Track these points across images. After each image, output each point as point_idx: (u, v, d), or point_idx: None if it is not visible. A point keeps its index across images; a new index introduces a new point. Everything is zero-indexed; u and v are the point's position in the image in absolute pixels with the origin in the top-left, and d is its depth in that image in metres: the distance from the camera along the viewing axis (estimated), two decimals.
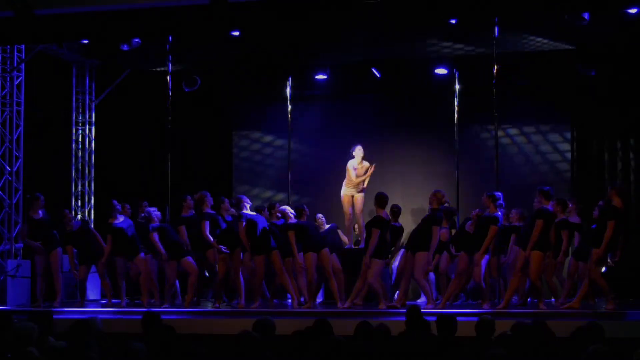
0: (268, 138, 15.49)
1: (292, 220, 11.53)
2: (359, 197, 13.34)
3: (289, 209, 11.78)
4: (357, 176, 13.18)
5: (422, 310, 7.22)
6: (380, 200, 11.16)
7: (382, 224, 11.04)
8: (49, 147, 14.29)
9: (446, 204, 11.71)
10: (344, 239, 13.23)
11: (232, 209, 11.88)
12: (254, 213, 11.70)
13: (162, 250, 11.66)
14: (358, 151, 13.31)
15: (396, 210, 11.78)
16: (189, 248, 11.89)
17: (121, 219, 11.98)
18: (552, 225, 10.66)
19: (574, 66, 13.09)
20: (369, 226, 11.12)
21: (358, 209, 13.29)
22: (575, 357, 5.58)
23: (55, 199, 13.24)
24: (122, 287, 12.10)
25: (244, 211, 11.47)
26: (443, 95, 13.82)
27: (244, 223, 11.34)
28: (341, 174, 13.53)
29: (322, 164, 14.83)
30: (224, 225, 11.67)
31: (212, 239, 11.56)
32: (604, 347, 5.31)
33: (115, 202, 12.02)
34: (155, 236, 11.67)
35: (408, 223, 12.81)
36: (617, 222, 10.14)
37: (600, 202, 11.10)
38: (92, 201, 14.83)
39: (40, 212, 12.19)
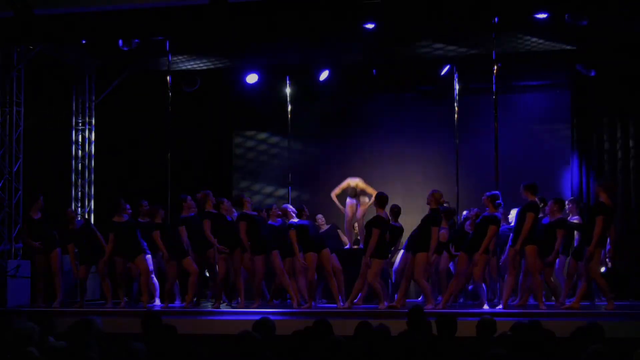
0: (268, 138, 15.50)
1: (294, 219, 11.53)
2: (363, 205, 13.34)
3: (290, 208, 11.78)
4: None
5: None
6: (381, 200, 11.18)
7: (382, 223, 11.05)
8: (49, 147, 14.28)
9: (445, 204, 11.71)
10: (344, 239, 13.23)
11: (233, 209, 11.89)
12: (255, 212, 11.71)
13: (164, 250, 11.66)
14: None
15: (396, 210, 11.78)
16: (189, 248, 11.88)
17: (125, 218, 12.00)
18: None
19: (574, 66, 13.10)
20: (369, 226, 11.12)
21: (359, 214, 13.28)
22: (575, 357, 5.58)
23: (55, 199, 13.24)
24: (122, 288, 12.10)
25: (245, 210, 11.48)
26: (443, 95, 13.83)
27: (245, 223, 11.36)
28: (342, 173, 13.55)
29: (322, 164, 14.84)
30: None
31: (213, 238, 11.56)
32: (604, 347, 5.31)
33: (122, 201, 12.01)
34: (158, 234, 11.67)
35: (408, 223, 12.79)
36: (605, 217, 10.18)
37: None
38: (92, 201, 14.81)
39: (39, 212, 12.20)
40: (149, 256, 11.93)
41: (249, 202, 11.67)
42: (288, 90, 14.31)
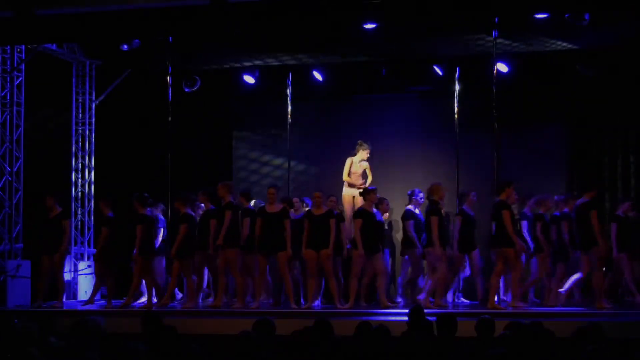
0: (268, 138, 15.49)
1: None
2: (360, 198, 13.28)
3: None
4: (352, 173, 13.06)
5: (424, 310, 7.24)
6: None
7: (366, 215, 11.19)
8: (49, 147, 14.28)
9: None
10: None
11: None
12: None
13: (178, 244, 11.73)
14: (362, 150, 13.17)
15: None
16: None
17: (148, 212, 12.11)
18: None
19: (574, 67, 13.09)
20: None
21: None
22: (575, 357, 5.58)
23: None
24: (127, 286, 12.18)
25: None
26: (443, 95, 13.82)
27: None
28: (341, 173, 13.53)
29: (322, 164, 14.83)
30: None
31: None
32: (604, 347, 5.31)
33: (146, 195, 12.12)
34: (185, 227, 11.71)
35: None
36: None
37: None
38: (92, 201, 14.79)
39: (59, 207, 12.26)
40: None
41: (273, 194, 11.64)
42: (288, 90, 14.31)
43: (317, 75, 14.07)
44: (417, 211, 12.14)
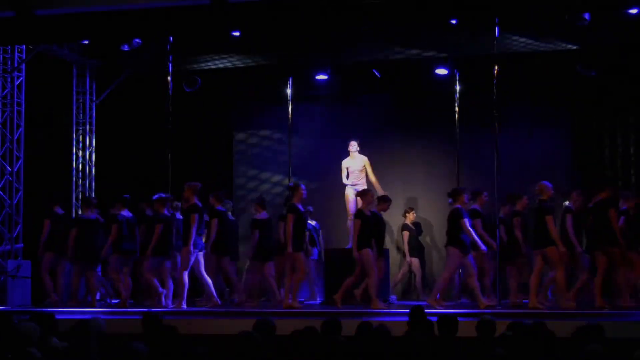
0: (268, 138, 15.48)
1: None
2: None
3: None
4: (351, 173, 13.18)
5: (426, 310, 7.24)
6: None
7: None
8: (49, 147, 14.29)
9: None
10: None
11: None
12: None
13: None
14: (351, 147, 13.36)
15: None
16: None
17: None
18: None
19: (574, 66, 13.09)
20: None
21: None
22: (575, 357, 5.58)
23: (55, 199, 13.24)
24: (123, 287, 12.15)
25: (296, 202, 11.53)
26: (444, 95, 13.82)
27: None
28: (340, 171, 13.56)
29: (323, 164, 14.82)
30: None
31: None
32: (604, 347, 5.31)
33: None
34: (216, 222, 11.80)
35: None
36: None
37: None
38: None
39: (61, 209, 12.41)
40: None
41: (304, 192, 11.59)
42: (289, 90, 14.30)
43: (319, 76, 14.06)
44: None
